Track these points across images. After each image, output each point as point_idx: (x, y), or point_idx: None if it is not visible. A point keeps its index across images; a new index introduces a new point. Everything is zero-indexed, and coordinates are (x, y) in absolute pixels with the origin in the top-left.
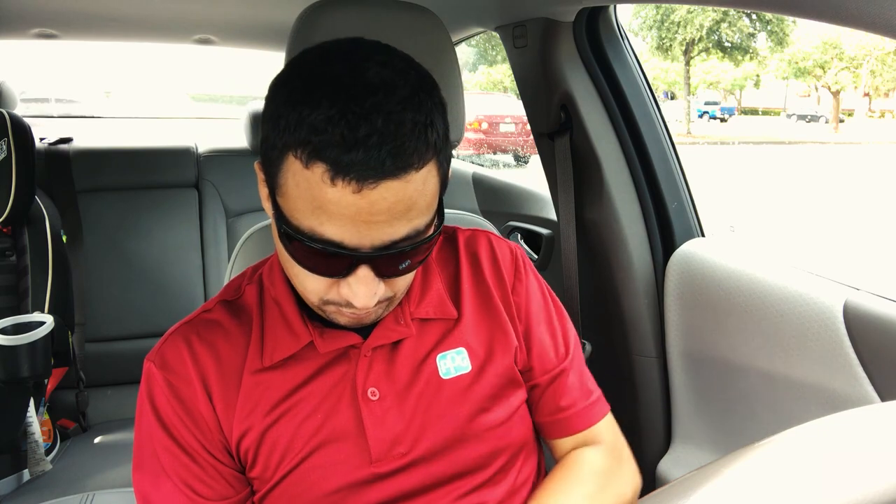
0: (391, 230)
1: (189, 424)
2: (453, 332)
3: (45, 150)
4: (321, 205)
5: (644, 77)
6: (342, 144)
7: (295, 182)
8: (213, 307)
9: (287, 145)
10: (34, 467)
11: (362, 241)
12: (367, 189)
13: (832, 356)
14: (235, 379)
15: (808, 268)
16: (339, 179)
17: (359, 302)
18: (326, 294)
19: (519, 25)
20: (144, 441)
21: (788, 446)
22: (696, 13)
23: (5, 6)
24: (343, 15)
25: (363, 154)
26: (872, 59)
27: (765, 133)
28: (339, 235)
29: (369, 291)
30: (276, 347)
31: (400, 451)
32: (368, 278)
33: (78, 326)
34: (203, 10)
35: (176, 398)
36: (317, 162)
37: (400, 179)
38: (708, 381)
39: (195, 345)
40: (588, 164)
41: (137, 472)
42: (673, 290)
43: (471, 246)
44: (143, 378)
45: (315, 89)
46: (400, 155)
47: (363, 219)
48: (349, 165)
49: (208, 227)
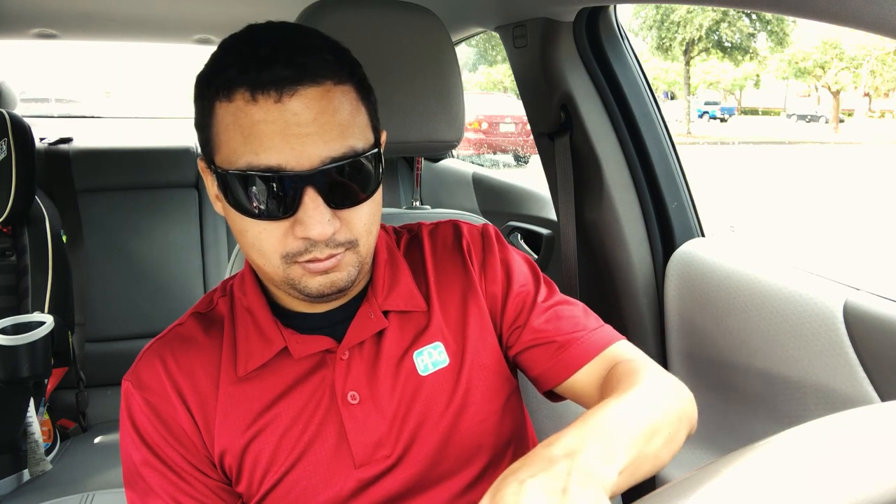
0: (325, 147)
1: (172, 441)
2: (429, 327)
3: (45, 150)
4: (251, 130)
5: (644, 77)
6: (254, 67)
7: (224, 125)
8: (185, 321)
9: (211, 98)
10: (34, 467)
11: (300, 160)
12: (287, 97)
13: (832, 356)
14: (212, 393)
15: (808, 268)
16: (259, 94)
17: (314, 231)
18: (285, 247)
19: (519, 25)
20: (129, 461)
21: (788, 446)
22: (695, 13)
23: (5, 6)
24: (343, 15)
25: (274, 67)
26: (872, 59)
27: (765, 133)
28: (275, 160)
29: (322, 218)
30: (249, 356)
31: (383, 453)
32: (318, 203)
33: (78, 326)
34: (203, 10)
35: (156, 416)
36: (236, 90)
37: (318, 86)
38: (708, 381)
39: (169, 361)
40: (588, 164)
41: (128, 489)
42: (673, 290)
43: (434, 236)
44: (123, 398)
45: (222, 52)
46: (310, 66)
47: (292, 132)
48: (265, 81)
49: (208, 227)
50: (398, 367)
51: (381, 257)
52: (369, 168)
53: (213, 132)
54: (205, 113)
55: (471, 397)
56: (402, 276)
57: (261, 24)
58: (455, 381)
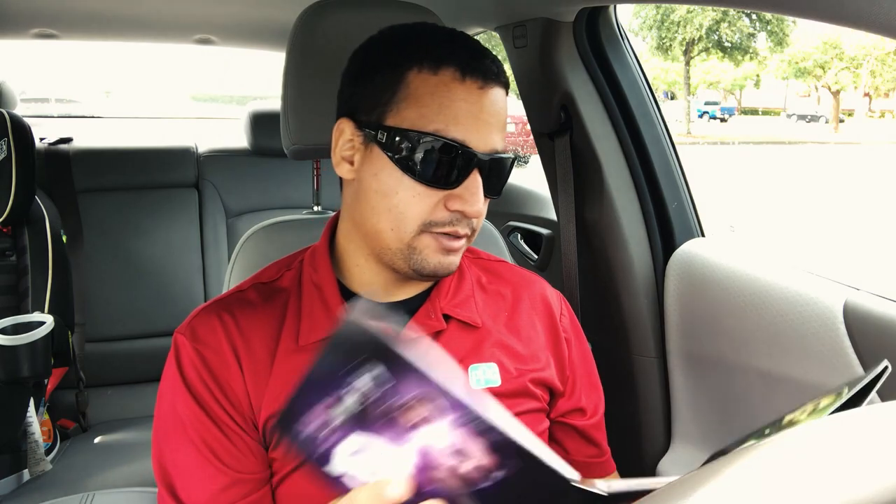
0: (498, 138)
1: (218, 395)
2: (487, 345)
3: (45, 150)
4: (450, 104)
5: (644, 77)
6: (466, 52)
7: (418, 93)
8: (246, 288)
9: (406, 65)
10: (34, 467)
11: (479, 144)
12: (488, 87)
13: (832, 356)
14: (268, 358)
15: (808, 268)
16: (468, 77)
17: (473, 207)
18: (431, 215)
19: (519, 25)
20: (171, 411)
21: (788, 446)
22: (695, 13)
23: (5, 6)
24: (343, 15)
25: (482, 61)
26: (872, 59)
27: (765, 133)
28: (462, 135)
29: (480, 197)
30: (312, 328)
31: None
32: (479, 183)
33: (78, 326)
34: (203, 10)
35: (206, 368)
36: (446, 67)
37: (503, 89)
38: (708, 381)
39: (227, 321)
40: (588, 164)
41: (160, 440)
42: (673, 290)
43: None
44: (172, 349)
45: (425, 29)
46: (500, 71)
47: (484, 118)
48: (475, 68)
49: (208, 227)
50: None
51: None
52: (510, 167)
53: (395, 95)
54: (387, 76)
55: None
56: (466, 288)
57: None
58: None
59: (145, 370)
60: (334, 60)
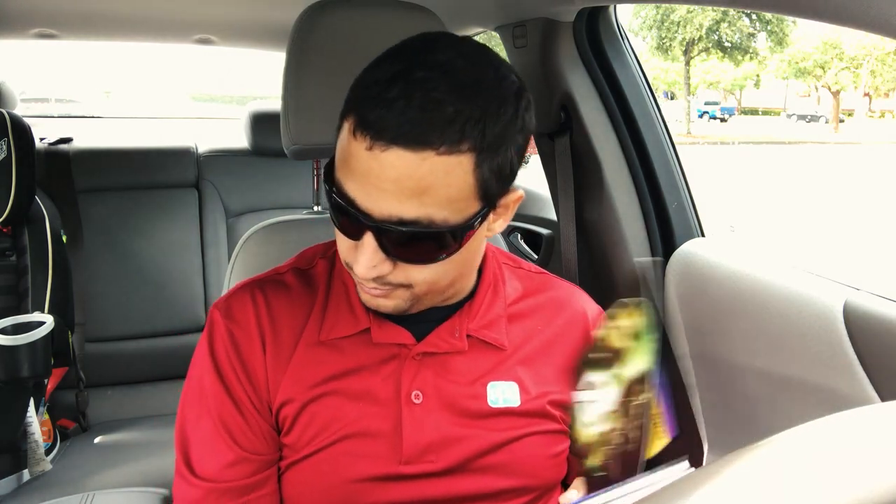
0: (399, 206)
1: (241, 376)
2: (507, 364)
3: (45, 150)
4: (346, 157)
5: (644, 77)
6: (372, 101)
7: (340, 136)
8: (286, 271)
9: (349, 99)
10: (34, 467)
11: (371, 207)
12: (378, 149)
13: (832, 356)
14: (290, 345)
15: (809, 268)
16: (359, 133)
17: (357, 268)
18: (347, 256)
19: (519, 25)
20: (196, 381)
21: (788, 446)
22: (695, 13)
23: (5, 6)
24: (343, 15)
25: (383, 113)
26: (872, 59)
27: (765, 133)
28: (353, 194)
29: (368, 262)
30: (335, 325)
31: (430, 458)
32: (371, 248)
33: (78, 326)
34: (203, 10)
35: (235, 350)
36: (350, 115)
37: (413, 153)
38: (708, 382)
39: (260, 302)
40: (588, 164)
41: (183, 409)
42: (673, 290)
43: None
44: (207, 324)
45: (387, 56)
46: (419, 127)
47: (372, 182)
48: (369, 122)
49: (208, 227)
50: (469, 388)
51: (486, 281)
52: (437, 245)
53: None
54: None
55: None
56: (498, 306)
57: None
58: (519, 421)
59: (145, 370)
60: (334, 60)
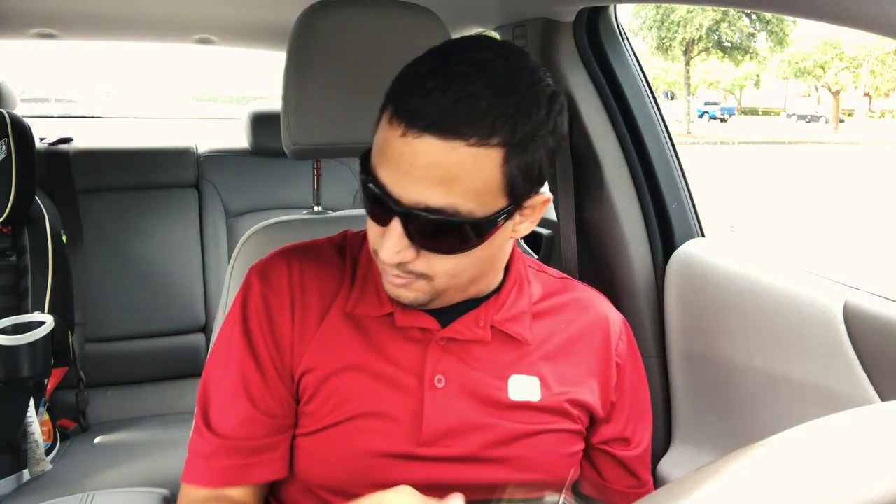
0: (427, 192)
1: (268, 339)
2: (529, 358)
3: (45, 150)
4: (381, 146)
5: (644, 77)
6: (410, 92)
7: (378, 127)
8: (322, 244)
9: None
10: (34, 467)
11: (401, 194)
12: (411, 136)
13: (832, 356)
14: (318, 316)
15: (809, 268)
16: (395, 120)
17: (382, 251)
18: (375, 243)
19: (519, 25)
20: (226, 340)
21: (788, 446)
22: (696, 13)
23: (5, 6)
24: (343, 15)
25: (419, 102)
26: (872, 59)
27: (765, 133)
28: (385, 180)
29: (393, 246)
30: (360, 301)
31: (448, 442)
32: (397, 233)
33: (78, 326)
34: (203, 10)
35: (266, 314)
36: (389, 105)
37: (444, 142)
38: (708, 381)
39: (294, 269)
40: (588, 164)
41: (209, 365)
42: (673, 290)
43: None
44: (243, 286)
45: (429, 53)
46: (452, 117)
47: (404, 168)
48: (405, 111)
49: (208, 227)
50: (492, 379)
51: (513, 278)
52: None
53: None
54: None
55: (545, 436)
56: (523, 303)
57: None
58: (538, 417)
59: (145, 370)
60: (334, 60)
